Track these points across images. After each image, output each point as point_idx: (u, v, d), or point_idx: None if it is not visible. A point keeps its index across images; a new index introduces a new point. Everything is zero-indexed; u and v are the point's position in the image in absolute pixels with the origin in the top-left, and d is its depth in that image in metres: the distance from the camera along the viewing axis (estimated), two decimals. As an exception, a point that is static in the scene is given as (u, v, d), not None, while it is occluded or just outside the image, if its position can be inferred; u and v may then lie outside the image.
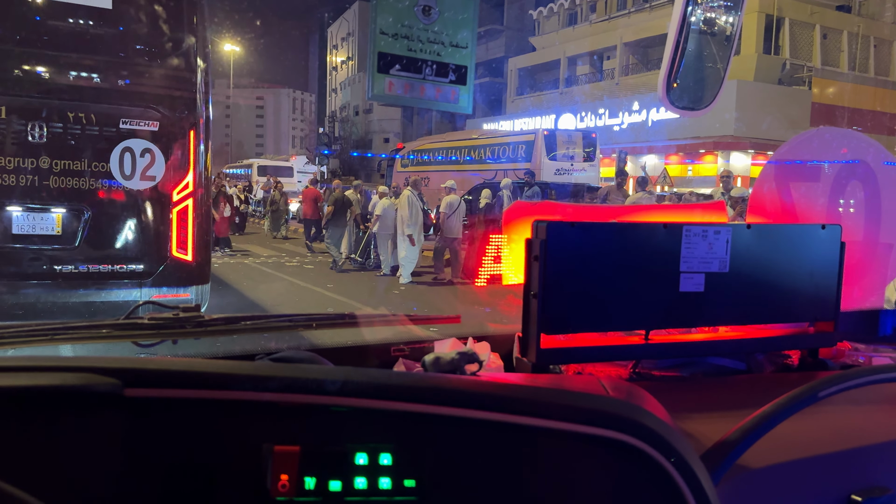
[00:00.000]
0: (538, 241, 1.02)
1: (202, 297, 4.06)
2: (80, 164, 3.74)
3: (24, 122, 3.61)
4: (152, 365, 0.69)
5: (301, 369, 0.72)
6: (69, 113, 3.68)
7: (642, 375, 1.16)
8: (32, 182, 3.64)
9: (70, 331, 1.12)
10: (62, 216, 3.77)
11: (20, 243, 3.68)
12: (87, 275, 3.82)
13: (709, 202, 1.82)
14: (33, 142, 3.62)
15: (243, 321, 1.17)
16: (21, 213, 3.69)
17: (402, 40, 8.43)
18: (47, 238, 3.74)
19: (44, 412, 0.62)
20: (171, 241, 3.92)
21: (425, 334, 1.26)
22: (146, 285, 3.89)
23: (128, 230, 3.89)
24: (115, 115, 3.79)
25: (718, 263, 1.10)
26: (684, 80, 1.18)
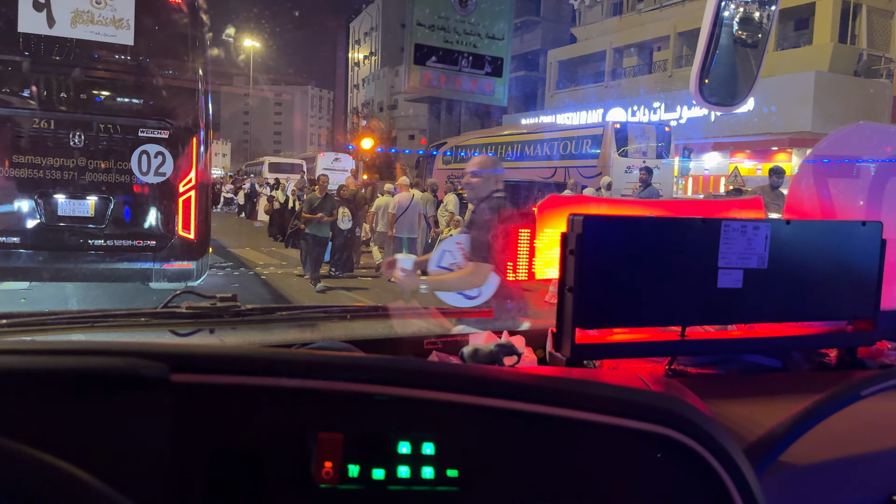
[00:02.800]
0: (574, 234, 1.07)
1: (203, 267, 5.84)
2: (108, 163, 5.52)
3: (67, 132, 5.39)
4: (198, 350, 0.75)
5: (345, 357, 0.79)
6: (100, 125, 5.49)
7: (678, 372, 1.22)
8: (72, 177, 5.41)
9: (109, 319, 1.21)
10: (94, 203, 5.51)
11: (63, 223, 5.44)
12: (113, 248, 5.57)
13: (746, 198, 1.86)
14: (73, 146, 5.39)
15: (279, 311, 1.26)
16: (64, 200, 5.43)
17: (439, 32, 8.74)
18: (83, 219, 5.50)
19: (91, 395, 0.66)
20: (178, 223, 5.65)
21: (458, 328, 1.36)
22: (158, 258, 5.63)
23: (144, 214, 5.66)
24: (135, 126, 5.59)
25: (757, 259, 1.15)
26: (717, 76, 1.26)
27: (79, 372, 0.65)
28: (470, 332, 1.28)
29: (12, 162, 5.34)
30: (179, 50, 5.79)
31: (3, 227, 5.38)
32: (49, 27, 5.29)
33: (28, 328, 1.12)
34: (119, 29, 5.45)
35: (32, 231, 5.41)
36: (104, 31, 5.42)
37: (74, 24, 5.35)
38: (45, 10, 5.26)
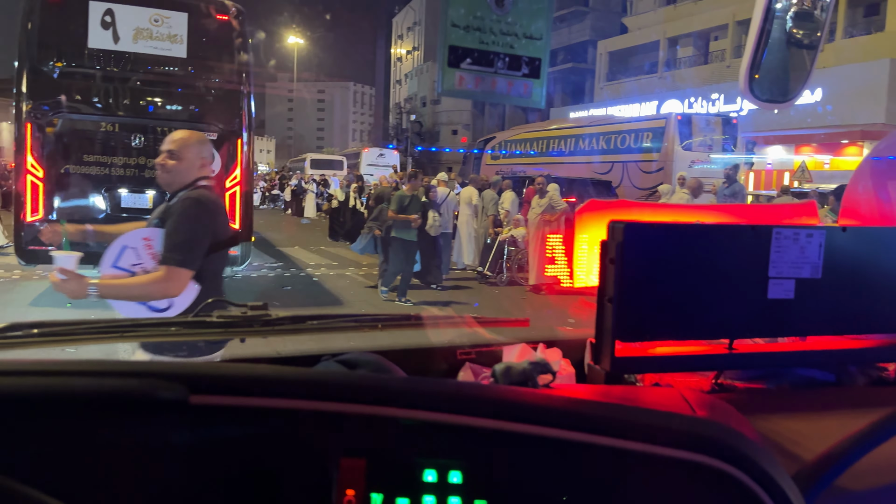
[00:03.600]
0: (614, 242, 1.04)
1: (246, 251, 7.05)
2: None
3: (129, 135, 6.55)
4: (218, 370, 0.74)
5: (369, 378, 0.79)
6: (157, 128, 6.56)
7: (724, 387, 1.19)
8: (134, 173, 6.58)
9: (140, 328, 1.24)
10: (153, 196, 6.60)
11: (126, 213, 6.46)
12: None
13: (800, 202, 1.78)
14: (134, 147, 6.56)
15: (309, 321, 1.25)
16: (126, 194, 6.63)
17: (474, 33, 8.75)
18: (142, 210, 6.46)
19: (107, 418, 0.66)
20: None
21: (493, 338, 1.33)
22: None
23: None
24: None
25: (810, 269, 1.11)
26: (768, 71, 1.21)
27: (94, 394, 0.65)
28: (503, 342, 1.27)
29: (84, 161, 6.45)
30: (226, 60, 6.80)
31: (76, 217, 6.16)
32: (114, 43, 6.39)
33: (58, 338, 1.14)
34: (174, 44, 6.54)
35: (100, 221, 6.15)
36: (161, 46, 6.51)
37: (136, 39, 6.46)
38: (111, 28, 6.35)
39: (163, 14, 6.49)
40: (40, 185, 6.25)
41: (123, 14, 6.37)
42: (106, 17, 6.30)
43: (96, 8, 6.29)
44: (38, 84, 6.28)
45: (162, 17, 6.47)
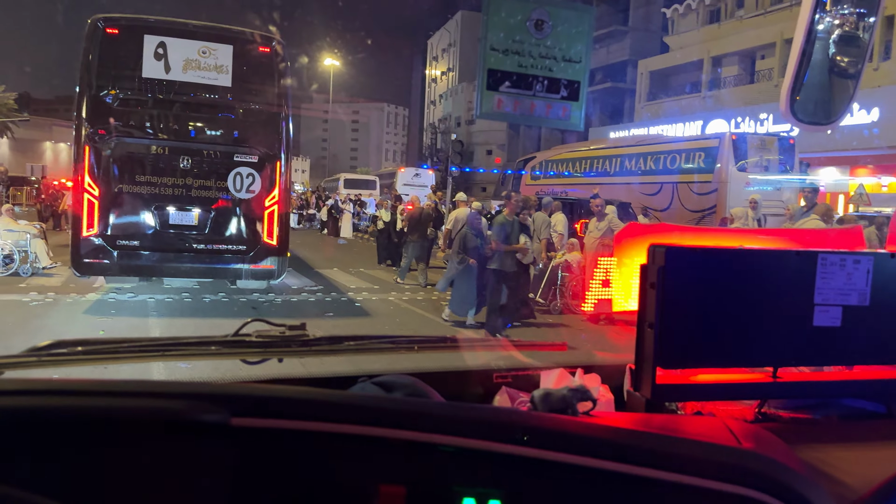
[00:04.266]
0: (655, 266, 1.04)
1: (283, 265, 7.50)
2: (209, 182, 7.28)
3: (177, 157, 7.16)
4: (259, 392, 0.75)
5: (410, 403, 0.79)
6: (203, 151, 7.32)
7: (769, 416, 1.17)
8: (181, 193, 7.17)
9: (181, 347, 1.26)
10: (198, 214, 7.28)
11: (173, 230, 7.19)
12: (212, 251, 7.33)
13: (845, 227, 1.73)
14: (182, 168, 7.19)
15: (346, 342, 1.28)
16: (174, 212, 7.19)
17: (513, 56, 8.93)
18: (188, 227, 7.24)
19: (151, 439, 0.67)
20: (263, 232, 7.40)
21: (530, 361, 1.33)
22: (247, 260, 7.39)
23: (237, 224, 7.39)
24: (231, 152, 7.38)
25: (858, 296, 1.09)
26: (810, 92, 1.20)
27: (138, 415, 0.67)
28: (541, 366, 1.27)
29: (135, 181, 7.04)
30: (267, 89, 7.39)
31: (128, 232, 7.02)
32: (166, 73, 7.05)
33: (102, 356, 1.19)
34: (220, 73, 7.21)
35: (149, 236, 7.08)
36: (208, 76, 7.18)
37: (185, 70, 7.10)
38: (163, 59, 7.03)
39: (210, 46, 7.13)
40: (96, 203, 6.84)
41: (175, 46, 7.01)
42: (159, 49, 6.96)
43: (150, 41, 6.96)
44: (96, 110, 6.88)
45: (209, 49, 7.12)
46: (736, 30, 24.73)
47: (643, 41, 31.57)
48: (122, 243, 6.92)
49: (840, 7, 1.21)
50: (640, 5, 31.92)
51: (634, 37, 31.96)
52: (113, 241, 6.89)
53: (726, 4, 25.90)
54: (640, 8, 32.03)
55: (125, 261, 6.97)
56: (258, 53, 7.34)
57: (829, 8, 1.20)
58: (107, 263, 6.93)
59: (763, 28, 22.98)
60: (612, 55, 32.67)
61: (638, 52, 30.97)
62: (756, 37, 23.50)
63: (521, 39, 11.10)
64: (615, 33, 32.27)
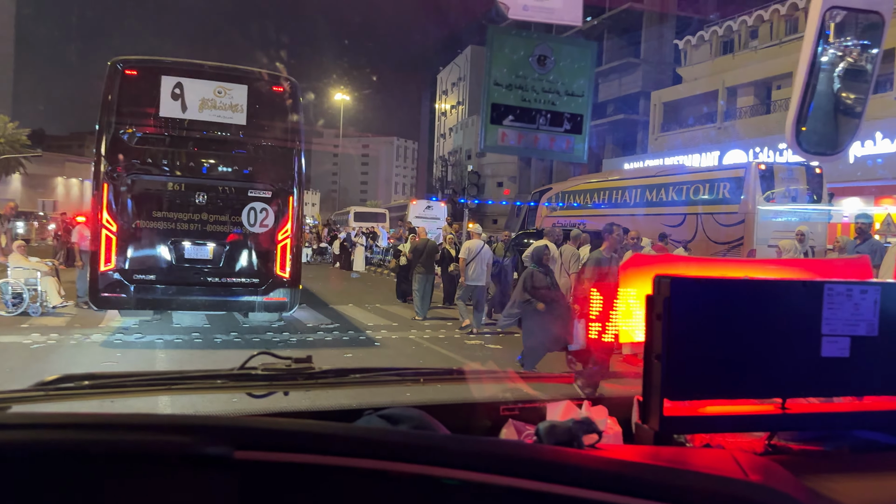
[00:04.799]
0: (661, 297, 1.05)
1: (295, 298, 7.67)
2: (224, 216, 7.48)
3: (193, 193, 7.39)
4: (263, 425, 0.76)
5: (414, 437, 0.80)
6: (218, 187, 7.57)
7: (779, 449, 1.17)
8: (197, 227, 7.37)
9: (186, 381, 1.29)
10: (213, 248, 7.48)
11: (188, 264, 7.40)
12: (226, 284, 7.52)
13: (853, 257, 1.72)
14: (198, 204, 7.39)
15: (352, 374, 1.31)
16: (190, 246, 7.41)
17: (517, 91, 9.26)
18: (203, 261, 7.46)
19: (154, 473, 0.68)
20: (276, 265, 7.56)
21: (537, 394, 1.34)
22: (260, 293, 7.56)
23: (250, 258, 7.56)
24: (245, 188, 7.60)
25: (866, 326, 1.10)
26: (815, 123, 1.23)
27: (140, 449, 0.67)
28: (547, 399, 1.27)
29: (153, 216, 7.25)
30: (280, 127, 7.65)
31: (145, 267, 7.20)
32: (182, 112, 7.31)
33: (109, 390, 1.21)
34: (235, 112, 7.45)
35: (165, 270, 7.27)
36: (223, 115, 7.44)
37: (201, 109, 7.36)
38: (179, 99, 7.29)
39: (225, 87, 7.41)
40: (114, 239, 7.05)
41: (191, 86, 7.28)
42: (176, 89, 7.23)
43: (168, 81, 7.23)
44: (114, 148, 7.13)
45: (225, 89, 7.40)
46: (750, 60, 25.02)
47: (655, 73, 32.05)
48: (139, 277, 7.12)
49: (843, 39, 1.24)
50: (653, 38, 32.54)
51: (647, 69, 32.44)
52: (130, 275, 7.09)
53: (740, 35, 26.24)
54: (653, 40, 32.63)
55: (142, 294, 7.15)
56: (271, 92, 7.61)
57: (833, 40, 1.23)
58: (124, 297, 7.09)
59: (778, 58, 23.24)
60: (625, 87, 33.13)
61: (651, 83, 31.39)
62: (772, 67, 23.74)
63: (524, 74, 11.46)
64: (627, 65, 32.80)
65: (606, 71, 33.78)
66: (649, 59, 32.65)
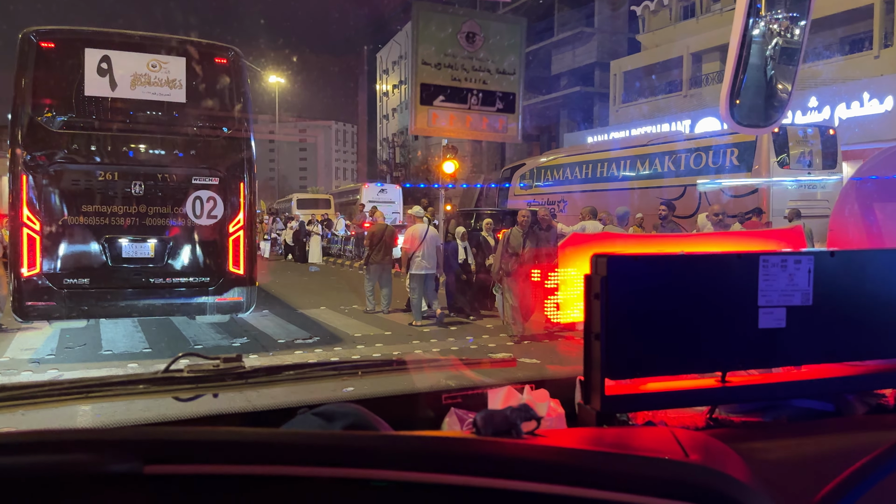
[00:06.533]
0: (598, 277, 1.11)
1: (251, 297, 7.20)
2: (165, 208, 6.87)
3: (128, 182, 6.76)
4: (175, 436, 0.75)
5: (336, 437, 0.80)
6: (158, 174, 6.89)
7: (720, 422, 1.24)
8: (134, 222, 6.77)
9: (106, 388, 1.27)
10: (154, 245, 6.88)
11: (126, 264, 6.81)
12: (171, 285, 6.96)
13: (786, 228, 1.89)
14: (135, 194, 6.78)
15: (286, 371, 1.31)
16: (127, 244, 6.81)
17: (446, 70, 9.31)
18: (144, 260, 6.87)
19: (51, 497, 0.65)
20: (228, 261, 7.06)
21: (479, 380, 1.39)
22: (211, 293, 7.00)
23: (198, 253, 7.03)
24: (188, 174, 7.00)
25: (801, 296, 1.18)
26: (748, 96, 1.30)
27: (34, 472, 0.64)
28: (489, 384, 1.32)
29: (81, 211, 6.64)
30: (226, 104, 7.15)
31: (76, 269, 6.63)
32: (111, 90, 6.72)
33: (19, 401, 1.19)
34: (172, 88, 6.91)
35: (100, 272, 6.70)
36: (159, 91, 6.89)
37: (133, 86, 6.80)
38: (107, 75, 6.67)
39: (160, 59, 6.84)
40: (37, 238, 6.46)
41: (120, 60, 6.68)
42: (102, 63, 6.62)
43: (93, 55, 6.59)
44: (33, 134, 6.51)
45: (160, 62, 6.84)
46: (715, 24, 25.52)
47: (610, 42, 32.64)
48: (70, 282, 6.58)
49: (773, 12, 1.32)
50: (606, 6, 33.08)
51: (601, 38, 32.95)
52: (59, 280, 6.52)
53: None
54: (606, 9, 33.20)
55: (74, 302, 6.61)
56: (213, 64, 7.11)
57: (764, 13, 1.31)
58: (53, 305, 6.54)
59: (743, 21, 23.82)
60: (579, 58, 33.51)
61: (606, 53, 31.91)
62: (739, 29, 24.31)
63: (452, 53, 11.35)
64: (580, 36, 33.12)
65: (558, 42, 34.06)
66: (603, 27, 33.18)
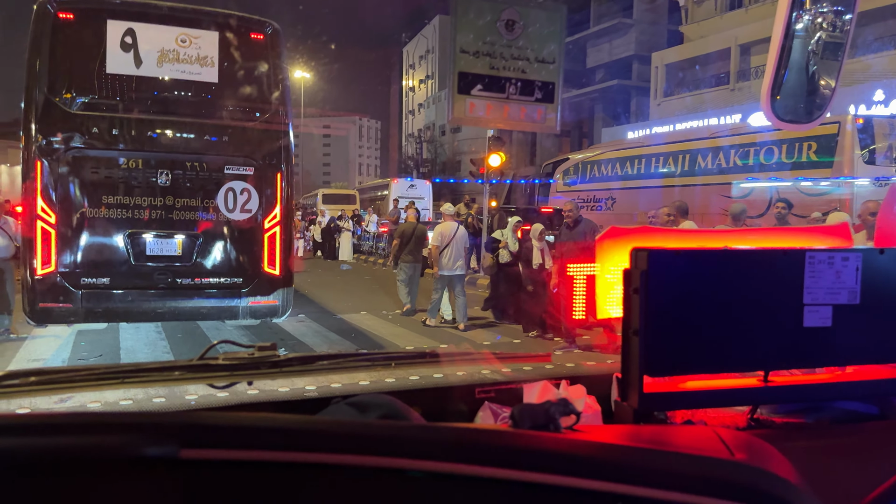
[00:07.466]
0: (638, 271, 1.13)
1: (287, 300, 6.72)
2: (195, 200, 6.40)
3: (155, 171, 6.25)
4: (212, 421, 0.77)
5: (374, 427, 0.83)
6: (186, 163, 6.37)
7: (761, 422, 1.26)
8: (160, 215, 6.27)
9: (142, 373, 1.33)
10: (182, 241, 6.41)
11: (152, 262, 6.30)
12: (200, 286, 6.49)
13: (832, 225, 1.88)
14: (161, 185, 6.28)
15: (319, 360, 1.36)
16: (152, 240, 6.33)
17: (484, 58, 9.32)
18: (170, 258, 6.38)
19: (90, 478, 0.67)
20: (264, 260, 6.57)
21: (513, 374, 1.41)
22: (244, 295, 6.55)
23: (230, 251, 6.56)
24: (221, 163, 6.48)
25: (848, 294, 1.19)
26: (790, 91, 1.32)
27: (71, 453, 0.67)
28: (524, 379, 1.35)
29: (102, 202, 6.15)
30: (263, 85, 6.58)
31: (95, 268, 6.20)
32: (136, 67, 6.21)
33: (57, 385, 1.24)
34: (203, 66, 6.38)
35: (121, 271, 6.26)
36: (189, 69, 6.35)
37: (160, 63, 6.28)
38: (132, 50, 6.16)
39: (190, 34, 6.27)
40: (52, 233, 6.00)
41: (146, 34, 6.14)
42: (126, 37, 6.09)
43: (116, 27, 6.07)
44: (49, 117, 6.00)
45: (190, 36, 6.27)
46: (766, 14, 25.01)
47: (651, 34, 32.27)
48: (88, 281, 6.13)
49: (817, 5, 1.34)
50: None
51: (640, 29, 32.71)
52: (76, 279, 6.07)
53: None
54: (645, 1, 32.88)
55: (92, 304, 6.16)
56: (250, 41, 6.51)
57: (808, 6, 1.33)
58: (69, 308, 6.09)
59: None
60: (616, 50, 33.21)
61: (645, 45, 31.60)
62: (790, 20, 23.82)
63: (491, 41, 11.40)
64: (618, 27, 32.85)
65: (594, 34, 33.85)
66: (643, 18, 32.85)
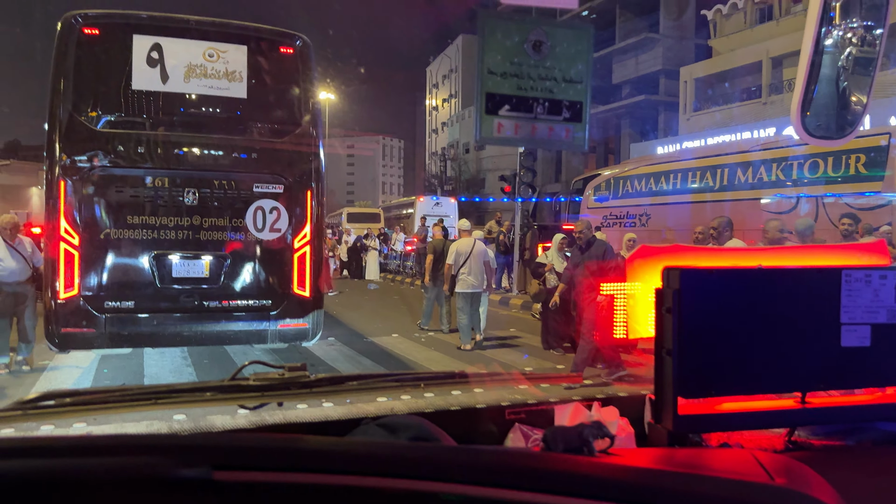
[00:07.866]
0: (670, 290, 1.13)
1: (318, 323, 6.62)
2: (223, 220, 6.31)
3: (181, 190, 6.17)
4: (245, 443, 0.79)
5: (407, 449, 0.84)
6: (214, 181, 6.29)
7: (799, 445, 1.25)
8: (187, 236, 6.20)
9: (174, 395, 1.36)
10: (209, 262, 6.32)
11: (178, 284, 6.22)
12: (228, 308, 6.40)
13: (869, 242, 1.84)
14: (188, 204, 6.21)
15: (349, 381, 1.39)
16: (178, 261, 6.23)
17: (512, 79, 9.49)
18: (198, 280, 6.30)
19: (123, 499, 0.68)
20: (293, 281, 6.47)
21: (544, 395, 1.42)
22: (273, 318, 6.44)
23: (259, 272, 6.47)
24: (249, 181, 6.40)
25: (887, 313, 1.19)
26: (820, 107, 1.33)
27: (108, 475, 0.68)
28: (555, 401, 1.36)
29: (127, 223, 6.04)
30: (292, 101, 6.51)
31: (120, 290, 6.06)
32: (163, 83, 6.13)
33: (92, 406, 1.27)
34: (231, 82, 6.30)
35: (147, 294, 6.13)
36: (217, 85, 6.28)
37: (188, 78, 6.19)
38: (158, 65, 6.08)
39: (219, 48, 6.20)
40: (76, 255, 5.90)
41: (173, 49, 6.07)
42: (153, 52, 6.05)
43: (142, 42, 6.00)
44: (73, 135, 5.94)
45: (218, 51, 6.19)
46: (797, 26, 24.91)
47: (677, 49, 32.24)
48: (113, 305, 6.02)
49: (847, 20, 1.34)
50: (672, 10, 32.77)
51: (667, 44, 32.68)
52: (100, 302, 5.97)
53: (780, 1, 26.04)
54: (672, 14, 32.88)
55: (117, 328, 6.04)
56: (279, 55, 6.47)
57: (838, 21, 1.34)
58: (93, 333, 5.97)
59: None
60: (642, 66, 33.21)
61: (672, 60, 31.59)
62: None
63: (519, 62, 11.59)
64: (645, 42, 32.93)
65: (620, 50, 33.93)
66: (669, 33, 32.86)
